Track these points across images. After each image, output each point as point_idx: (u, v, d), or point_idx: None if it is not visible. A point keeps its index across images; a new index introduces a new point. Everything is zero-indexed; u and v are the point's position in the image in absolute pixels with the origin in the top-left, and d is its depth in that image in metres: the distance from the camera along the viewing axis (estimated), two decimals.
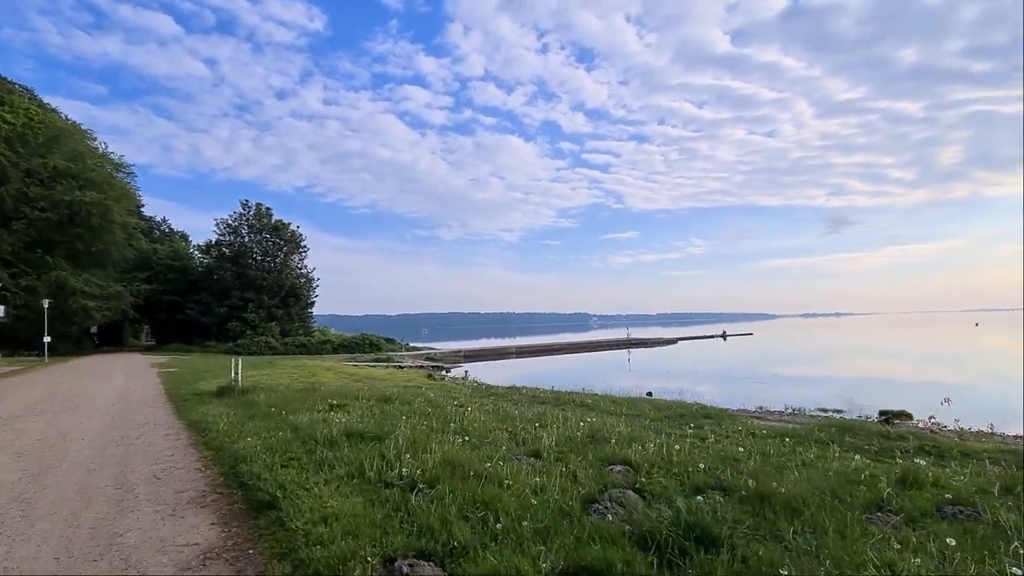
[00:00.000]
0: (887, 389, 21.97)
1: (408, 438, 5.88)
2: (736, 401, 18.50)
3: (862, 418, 14.75)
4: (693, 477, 4.54)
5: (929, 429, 6.73)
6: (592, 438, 6.11)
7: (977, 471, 4.61)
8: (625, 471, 4.89)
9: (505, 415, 7.91)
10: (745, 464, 4.91)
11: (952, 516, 3.62)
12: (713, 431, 6.65)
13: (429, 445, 5.58)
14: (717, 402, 17.60)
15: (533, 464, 5.21)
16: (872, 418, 15.51)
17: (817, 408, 16.29)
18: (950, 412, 15.70)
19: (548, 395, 10.71)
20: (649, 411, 8.39)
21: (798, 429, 6.70)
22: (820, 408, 16.28)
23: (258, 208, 44.93)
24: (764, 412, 13.95)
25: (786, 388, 22.89)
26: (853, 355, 42.97)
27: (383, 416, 7.73)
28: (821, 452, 5.44)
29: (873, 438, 5.99)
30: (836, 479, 4.45)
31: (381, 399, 9.95)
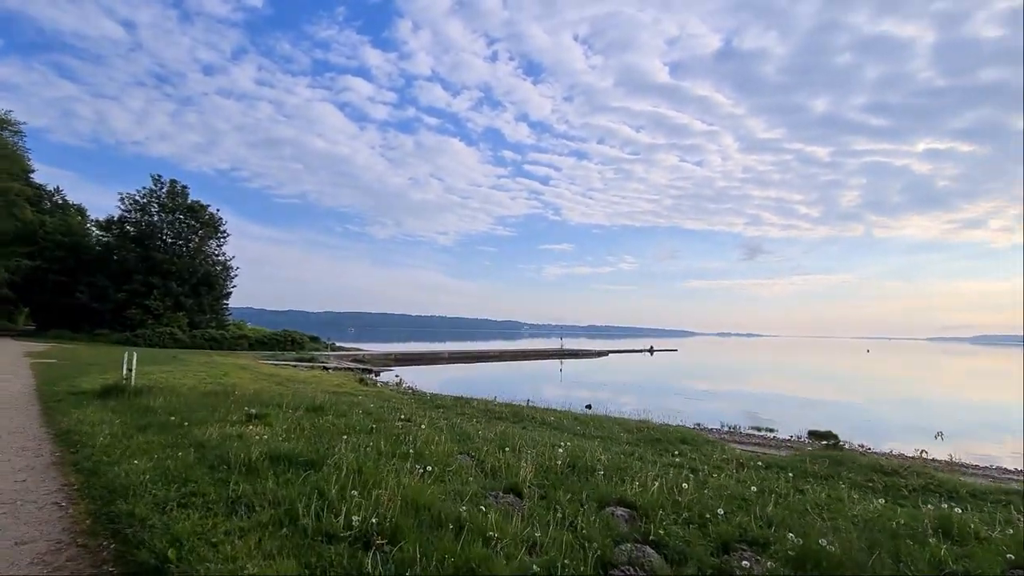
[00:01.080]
0: (785, 405, 23.27)
1: (352, 465, 4.70)
2: (671, 414, 18.61)
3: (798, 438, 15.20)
4: (713, 526, 3.76)
5: (920, 461, 6.54)
6: (573, 468, 5.23)
7: (1006, 518, 4.23)
8: (629, 516, 4.04)
9: (462, 434, 6.86)
10: (760, 507, 4.22)
11: None
12: (699, 460, 6.00)
13: (381, 476, 4.44)
14: (651, 413, 17.67)
15: (514, 504, 4.24)
16: (803, 437, 16.11)
17: (744, 424, 16.61)
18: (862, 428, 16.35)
19: (503, 409, 9.76)
20: (621, 433, 7.68)
21: (787, 459, 6.23)
22: (752, 425, 16.65)
23: (172, 185, 40.51)
24: (735, 434, 13.85)
25: (706, 403, 23.66)
26: (761, 373, 45.58)
27: (315, 432, 6.43)
28: (831, 490, 4.91)
29: (871, 473, 5.60)
30: (874, 529, 3.85)
31: (310, 408, 8.52)
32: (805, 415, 21.01)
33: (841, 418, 20.27)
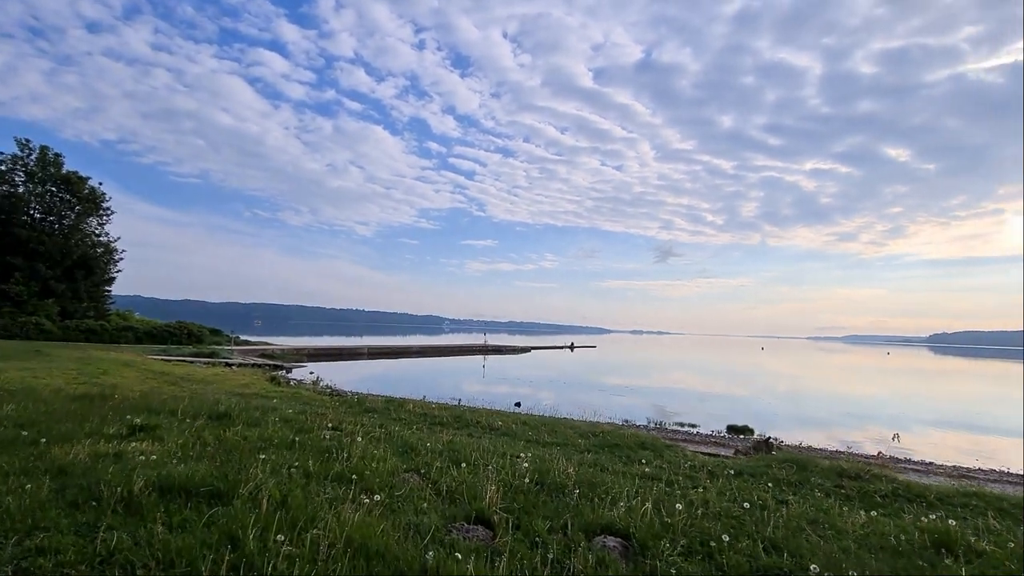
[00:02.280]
0: (686, 399, 24.58)
1: (275, 495, 3.71)
2: (598, 410, 18.77)
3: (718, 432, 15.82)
4: (719, 556, 3.27)
5: (879, 463, 6.62)
6: (542, 485, 4.57)
7: (986, 525, 4.17)
8: (622, 548, 3.44)
9: (404, 445, 5.96)
10: (757, 526, 3.82)
11: None
12: (668, 469, 5.59)
13: (315, 510, 3.51)
14: (581, 409, 17.69)
15: (485, 540, 3.49)
16: (723, 432, 16.81)
17: (658, 418, 17.06)
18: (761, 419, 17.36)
19: (443, 413, 8.88)
20: (577, 439, 7.15)
21: (752, 464, 6.01)
22: (660, 418, 17.14)
23: (43, 152, 34.74)
24: (663, 430, 13.97)
25: (624, 398, 24.44)
26: (669, 369, 48.15)
27: (222, 449, 5.25)
28: (813, 502, 4.65)
29: (839, 479, 5.50)
30: (876, 548, 3.56)
31: (214, 416, 7.17)
32: (710, 408, 22.23)
33: (742, 411, 21.62)
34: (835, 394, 31.03)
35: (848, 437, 16.30)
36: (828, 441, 15.29)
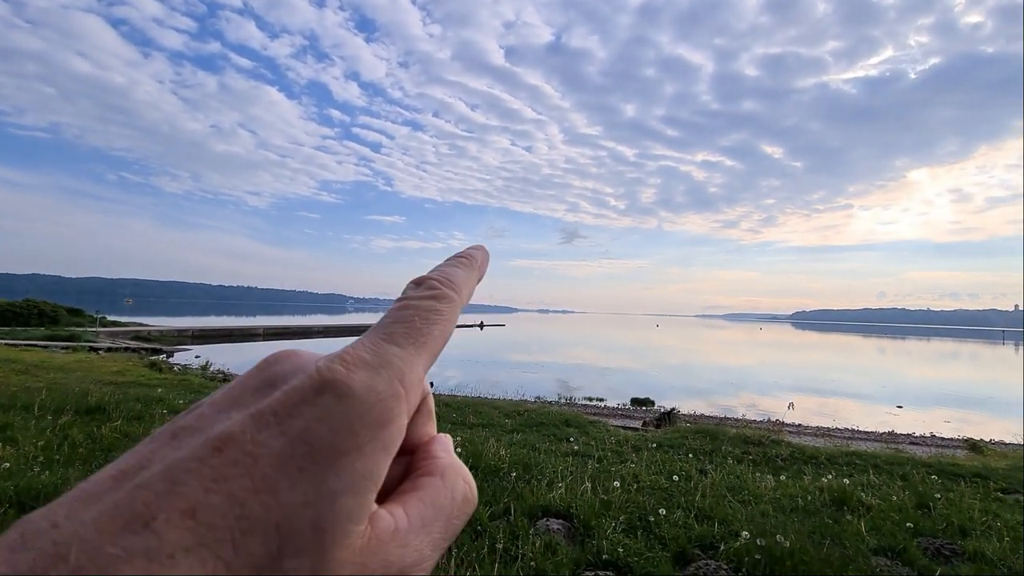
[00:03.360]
0: (591, 375, 26.04)
1: None
2: (505, 387, 19.16)
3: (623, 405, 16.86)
4: (659, 530, 3.37)
5: (775, 428, 7.31)
6: (477, 470, 4.43)
7: (874, 482, 4.75)
8: (566, 529, 3.42)
9: None
10: (686, 498, 4.00)
11: (937, 552, 3.30)
12: (595, 445, 5.72)
13: None
14: (481, 388, 17.93)
15: None
16: (626, 404, 17.89)
17: (565, 393, 17.86)
18: (657, 390, 18.85)
19: None
20: (503, 419, 7.06)
21: (669, 436, 6.34)
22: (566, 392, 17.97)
23: None
24: (574, 404, 14.45)
25: (533, 374, 25.22)
26: (572, 345, 50.52)
27: (98, 450, 4.47)
28: (728, 469, 4.99)
29: (745, 446, 5.98)
30: (788, 510, 3.89)
31: (83, 410, 6.12)
32: (611, 381, 23.59)
33: (641, 383, 23.29)
34: (718, 366, 34.37)
35: (727, 403, 18.17)
36: (713, 409, 16.89)
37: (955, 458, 6.78)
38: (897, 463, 5.64)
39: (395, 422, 0.20)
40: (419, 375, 0.22)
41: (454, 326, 0.24)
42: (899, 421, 15.69)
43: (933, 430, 13.91)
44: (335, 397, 0.20)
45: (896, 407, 19.08)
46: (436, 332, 0.23)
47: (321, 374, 0.20)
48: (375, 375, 0.20)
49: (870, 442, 9.21)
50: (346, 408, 0.20)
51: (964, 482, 5.15)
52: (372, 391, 0.20)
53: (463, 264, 0.26)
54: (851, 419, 15.56)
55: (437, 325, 0.23)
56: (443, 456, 0.23)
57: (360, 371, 0.20)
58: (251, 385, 0.20)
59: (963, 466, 5.75)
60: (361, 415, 0.20)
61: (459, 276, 0.25)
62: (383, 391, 0.20)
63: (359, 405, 0.20)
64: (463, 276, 0.25)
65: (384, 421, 0.20)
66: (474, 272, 0.26)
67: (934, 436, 12.79)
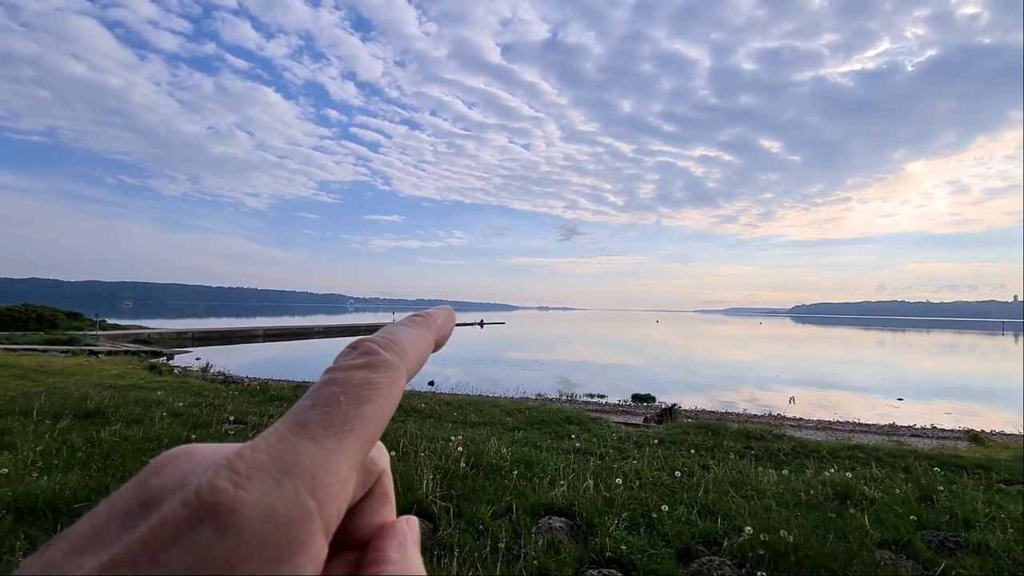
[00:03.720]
0: (591, 372, 26.03)
1: None
2: (507, 385, 19.22)
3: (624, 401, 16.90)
4: (662, 527, 3.35)
5: (778, 422, 7.30)
6: (478, 469, 4.42)
7: (877, 475, 4.73)
8: (568, 527, 3.40)
9: None
10: (688, 494, 3.99)
11: (941, 545, 3.28)
12: (596, 442, 5.70)
13: None
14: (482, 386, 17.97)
15: (426, 533, 3.27)
16: (627, 400, 17.90)
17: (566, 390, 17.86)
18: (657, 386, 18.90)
19: None
20: (504, 417, 7.05)
21: (671, 432, 6.33)
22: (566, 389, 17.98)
23: None
24: (597, 405, 14.46)
25: (534, 371, 25.34)
26: (572, 342, 50.53)
27: (97, 454, 4.45)
28: (730, 464, 4.98)
29: (747, 441, 5.97)
30: (791, 505, 3.87)
31: (82, 414, 6.10)
32: (612, 378, 23.62)
33: (641, 379, 23.34)
34: (718, 361, 34.38)
35: (728, 398, 18.23)
36: (713, 404, 16.92)
37: (957, 450, 6.77)
38: (899, 456, 5.63)
39: (304, 550, 0.16)
40: (343, 475, 0.17)
41: (396, 401, 0.18)
42: (900, 413, 15.72)
43: (934, 422, 13.93)
44: (215, 530, 0.15)
45: (897, 399, 19.11)
46: (369, 412, 0.17)
47: (200, 497, 0.15)
48: (274, 489, 0.16)
49: (872, 435, 9.21)
50: (230, 545, 0.15)
51: (966, 474, 5.14)
52: (268, 515, 0.16)
53: (415, 324, 0.19)
54: (852, 412, 15.58)
55: (371, 403, 0.17)
56: (396, 559, 0.18)
57: (254, 486, 0.16)
58: (122, 507, 0.16)
59: (965, 458, 5.74)
60: (251, 552, 0.15)
61: (406, 338, 0.18)
62: (284, 513, 0.16)
63: (248, 539, 0.15)
64: (413, 337, 0.19)
65: (286, 554, 0.15)
66: (429, 333, 0.19)
67: (935, 428, 12.80)
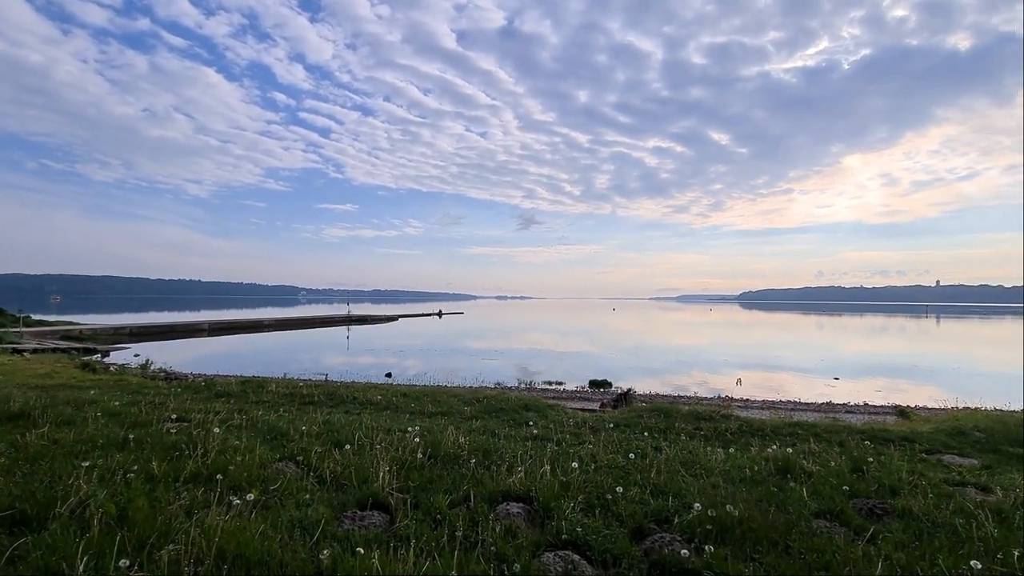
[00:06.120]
0: (549, 359, 26.42)
1: (109, 509, 3.00)
2: (465, 374, 19.26)
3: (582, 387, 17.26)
4: (617, 508, 3.44)
5: (726, 404, 7.59)
6: (435, 459, 4.39)
7: (815, 450, 5.02)
8: (526, 512, 3.43)
9: (272, 430, 5.29)
10: (642, 475, 4.11)
11: (870, 512, 3.53)
12: (554, 428, 5.78)
13: (168, 521, 2.91)
14: (440, 377, 17.97)
15: (383, 525, 3.23)
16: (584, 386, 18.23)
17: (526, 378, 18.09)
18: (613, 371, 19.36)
19: (313, 391, 8.07)
20: (462, 406, 7.01)
21: (626, 416, 6.49)
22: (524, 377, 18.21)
23: None
24: (556, 392, 14.61)
25: (493, 360, 25.44)
26: (530, 331, 51.00)
27: (23, 459, 4.13)
28: (681, 445, 5.16)
29: (697, 421, 6.20)
30: (737, 480, 4.06)
31: (4, 416, 5.65)
32: (569, 365, 24.03)
33: (598, 366, 23.85)
34: (672, 346, 35.55)
35: (680, 382, 18.96)
36: (667, 388, 17.52)
37: (885, 424, 7.29)
38: (835, 431, 6.02)
39: None
40: None
41: None
42: (836, 392, 16.78)
43: (866, 399, 14.97)
44: None
45: (833, 379, 20.37)
46: None
47: None
48: None
49: (811, 412, 9.78)
50: None
51: (893, 446, 5.54)
52: None
53: None
54: (793, 392, 16.52)
55: None
56: None
57: None
58: None
59: (892, 431, 6.20)
60: None
61: None
62: None
63: None
64: None
65: None
66: None
67: (867, 405, 13.76)
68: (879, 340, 45.14)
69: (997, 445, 5.65)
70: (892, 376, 21.71)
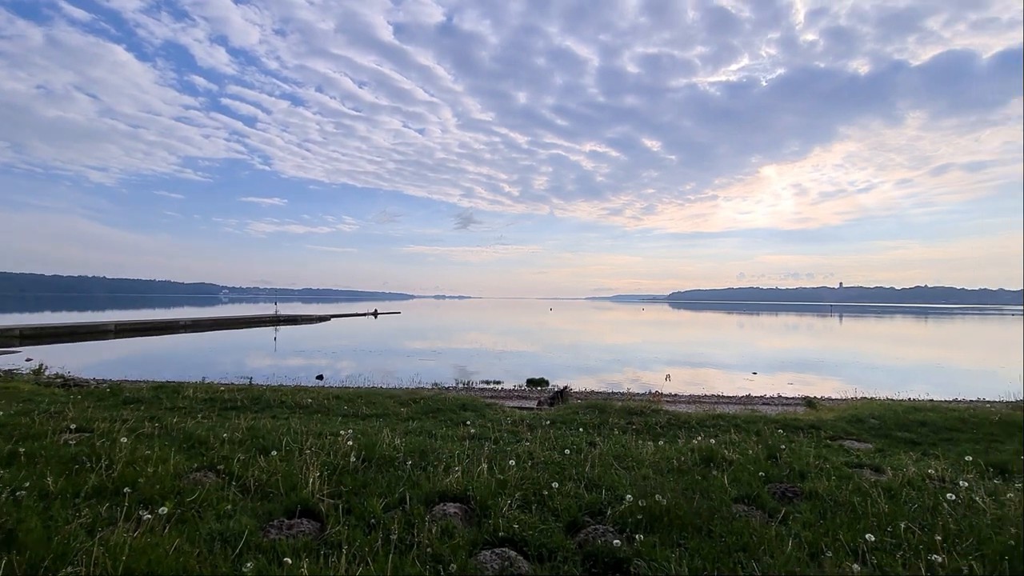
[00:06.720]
0: (488, 359, 26.58)
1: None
2: (401, 375, 18.93)
3: (520, 386, 17.42)
4: (553, 503, 3.50)
5: (655, 399, 7.89)
6: (369, 462, 4.27)
7: (735, 440, 5.35)
8: (463, 512, 3.41)
9: (189, 438, 4.92)
10: (577, 470, 4.21)
11: (783, 495, 3.82)
12: (491, 427, 5.78)
13: (67, 541, 2.63)
14: (376, 378, 17.58)
15: (313, 533, 3.09)
16: (522, 385, 18.43)
17: (464, 378, 18.12)
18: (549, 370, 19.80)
19: (236, 395, 7.54)
20: (398, 408, 6.83)
21: (561, 413, 6.61)
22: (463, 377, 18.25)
23: None
24: (493, 391, 14.51)
25: (431, 361, 25.13)
26: (469, 330, 50.98)
27: None
28: (616, 440, 5.33)
29: (629, 416, 6.42)
30: (665, 471, 4.26)
31: None
32: (507, 364, 24.20)
33: (535, 364, 24.23)
34: (606, 345, 36.71)
35: (614, 379, 19.65)
36: (602, 385, 18.08)
37: (796, 414, 7.93)
38: (753, 422, 6.47)
39: None
40: None
41: None
42: (754, 385, 18.04)
43: (780, 391, 16.21)
44: None
45: (752, 373, 21.88)
46: None
47: None
48: None
49: (732, 405, 10.46)
50: None
51: (803, 433, 6.04)
52: None
53: None
54: (717, 386, 17.57)
55: None
56: None
57: None
58: None
59: (802, 420, 6.75)
60: None
61: None
62: None
63: None
64: None
65: None
66: None
67: (780, 396, 14.88)
68: (791, 337, 48.97)
69: (888, 431, 6.31)
70: (802, 370, 23.62)
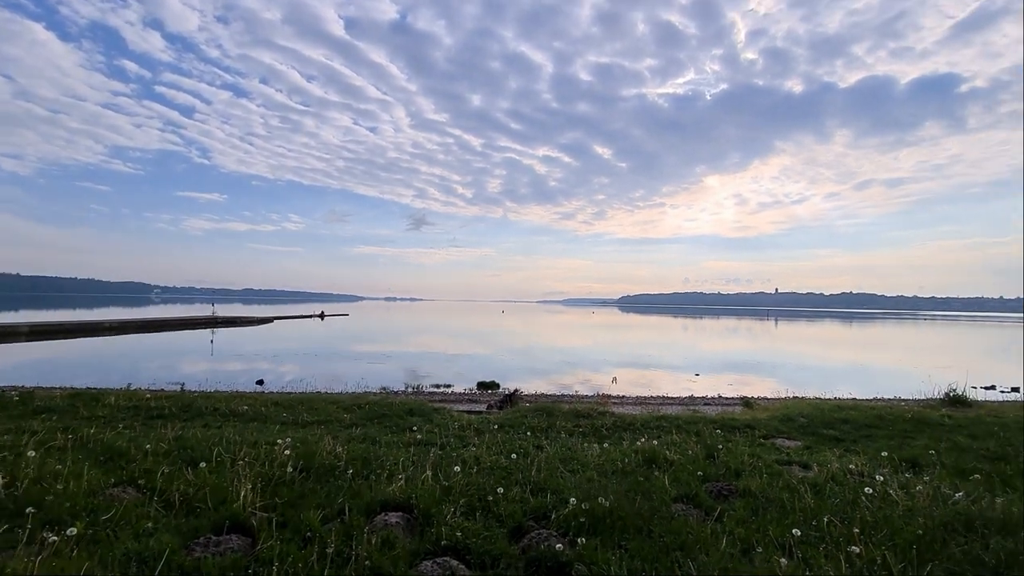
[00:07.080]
0: (439, 362, 26.37)
1: None
2: (347, 379, 18.42)
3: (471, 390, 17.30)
4: (498, 509, 3.47)
5: (602, 401, 7.99)
6: (308, 472, 4.09)
7: (676, 441, 5.50)
8: (406, 521, 3.32)
9: (107, 450, 4.53)
10: (523, 474, 4.20)
11: (719, 493, 3.96)
12: (439, 432, 5.68)
13: None
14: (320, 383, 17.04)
15: (243, 548, 2.91)
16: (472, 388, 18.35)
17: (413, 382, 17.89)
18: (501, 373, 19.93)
19: (165, 403, 7.00)
20: (341, 414, 6.57)
21: (510, 417, 6.59)
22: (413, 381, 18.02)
23: None
24: (443, 395, 14.22)
25: (379, 364, 24.60)
26: (420, 333, 50.38)
27: None
28: (563, 443, 5.37)
29: (577, 419, 6.48)
30: (609, 473, 4.32)
31: None
32: (459, 367, 24.06)
33: (486, 367, 24.20)
34: (557, 347, 37.17)
35: (565, 382, 19.91)
36: (552, 387, 18.27)
37: (734, 414, 8.29)
38: (693, 422, 6.70)
39: None
40: None
41: None
42: (697, 386, 18.77)
43: (720, 392, 16.93)
44: None
45: (695, 375, 22.76)
46: None
47: None
48: None
49: (675, 406, 10.81)
50: None
51: (739, 433, 6.31)
52: None
53: None
54: (662, 387, 18.15)
55: None
56: None
57: None
58: None
59: (739, 419, 7.06)
60: None
61: None
62: None
63: None
64: None
65: None
66: None
67: (720, 397, 15.54)
68: (732, 340, 51.38)
69: (816, 428, 6.71)
70: (741, 371, 24.81)
